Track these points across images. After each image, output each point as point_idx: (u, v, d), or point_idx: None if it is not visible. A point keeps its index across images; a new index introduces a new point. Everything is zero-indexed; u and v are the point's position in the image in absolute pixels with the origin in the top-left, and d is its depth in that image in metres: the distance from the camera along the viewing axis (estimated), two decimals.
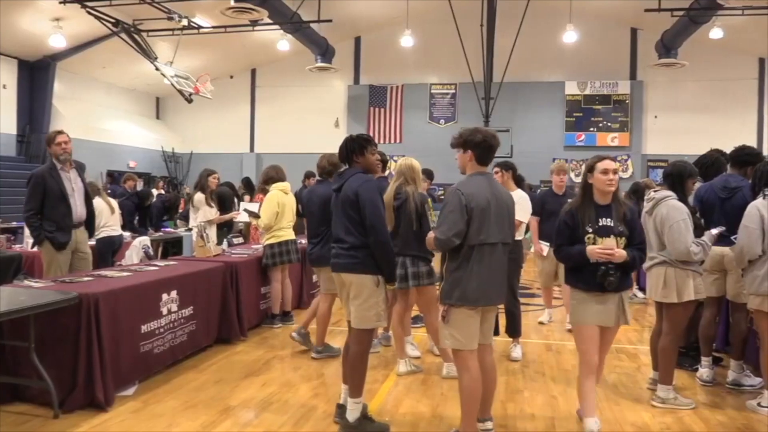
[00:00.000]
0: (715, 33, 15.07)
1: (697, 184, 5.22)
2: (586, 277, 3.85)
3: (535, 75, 18.94)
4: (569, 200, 6.22)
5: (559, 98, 19.19)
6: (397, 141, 19.81)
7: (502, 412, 4.39)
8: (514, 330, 5.84)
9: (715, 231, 4.62)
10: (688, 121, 18.10)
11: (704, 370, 5.13)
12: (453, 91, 19.87)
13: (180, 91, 15.44)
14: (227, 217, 8.54)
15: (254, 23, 14.78)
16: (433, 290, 5.29)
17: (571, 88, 19.16)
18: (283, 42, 17.12)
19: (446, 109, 19.93)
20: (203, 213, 7.94)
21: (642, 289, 8.58)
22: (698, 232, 4.54)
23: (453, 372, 4.47)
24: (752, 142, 17.27)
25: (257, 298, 6.85)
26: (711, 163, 5.29)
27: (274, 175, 7.01)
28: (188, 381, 5.00)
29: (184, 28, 14.30)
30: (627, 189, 13.07)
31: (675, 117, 18.44)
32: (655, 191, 4.76)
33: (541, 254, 6.88)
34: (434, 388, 4.92)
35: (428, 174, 6.89)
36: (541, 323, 7.31)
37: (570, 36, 16.69)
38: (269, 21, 14.72)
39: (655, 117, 18.86)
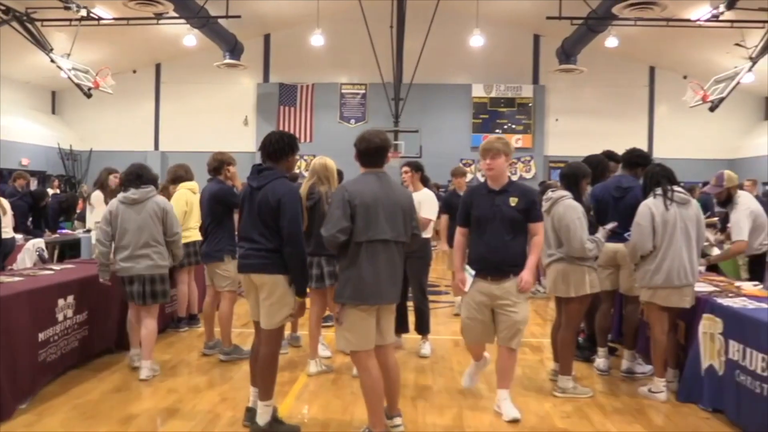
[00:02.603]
0: (611, 42, 15.93)
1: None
2: None
3: (443, 77, 19.34)
4: (511, 199, 4.16)
5: (466, 100, 19.70)
6: (308, 140, 19.68)
7: (411, 408, 4.46)
8: (423, 327, 5.94)
9: (608, 226, 4.92)
10: (587, 124, 19.06)
11: (601, 360, 5.41)
12: (363, 91, 19.97)
13: (78, 85, 14.65)
14: None
15: (159, 16, 14.26)
16: None
17: (478, 91, 19.72)
18: (190, 37, 16.59)
19: (356, 109, 20.01)
20: (98, 213, 7.58)
21: None
22: (592, 229, 4.81)
23: None
24: (644, 145, 18.43)
25: None
26: (596, 165, 5.58)
27: (183, 174, 6.79)
28: (87, 390, 4.75)
29: (82, 18, 13.56)
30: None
31: (574, 120, 19.37)
32: (552, 191, 4.98)
33: (461, 289, 4.42)
34: (345, 388, 4.92)
35: (338, 174, 6.88)
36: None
37: (477, 40, 17.16)
38: (175, 15, 14.25)
39: (556, 120, 19.74)
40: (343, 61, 19.54)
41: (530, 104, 19.64)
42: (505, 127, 19.57)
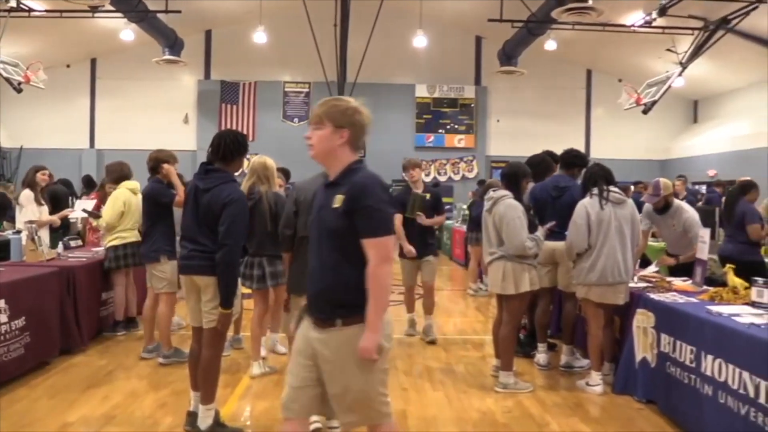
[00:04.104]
0: (550, 45, 16.31)
1: (531, 184, 5.63)
2: None
3: (387, 77, 19.40)
4: (337, 197, 2.60)
5: (409, 100, 19.81)
6: (250, 139, 19.38)
7: None
8: None
9: (547, 225, 5.06)
10: (527, 125, 19.47)
11: (541, 356, 5.55)
12: (307, 90, 19.83)
13: (7, 80, 14.00)
14: (54, 218, 7.79)
15: (94, 9, 13.77)
16: None
17: (421, 91, 19.86)
18: (127, 31, 16.08)
19: (300, 107, 19.84)
20: (27, 212, 7.28)
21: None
22: (532, 228, 4.92)
23: None
24: (581, 145, 18.98)
25: (97, 305, 6.40)
26: (538, 163, 5.71)
27: (127, 173, 6.59)
28: (18, 398, 4.56)
29: (11, 9, 12.98)
30: (475, 188, 13.80)
31: (515, 121, 19.75)
32: (494, 191, 5.08)
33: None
34: None
35: (285, 173, 6.82)
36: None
37: (420, 41, 17.28)
38: (111, 8, 13.79)
39: (498, 120, 20.08)
40: (287, 59, 19.34)
41: (473, 105, 19.92)
42: (448, 127, 19.80)
